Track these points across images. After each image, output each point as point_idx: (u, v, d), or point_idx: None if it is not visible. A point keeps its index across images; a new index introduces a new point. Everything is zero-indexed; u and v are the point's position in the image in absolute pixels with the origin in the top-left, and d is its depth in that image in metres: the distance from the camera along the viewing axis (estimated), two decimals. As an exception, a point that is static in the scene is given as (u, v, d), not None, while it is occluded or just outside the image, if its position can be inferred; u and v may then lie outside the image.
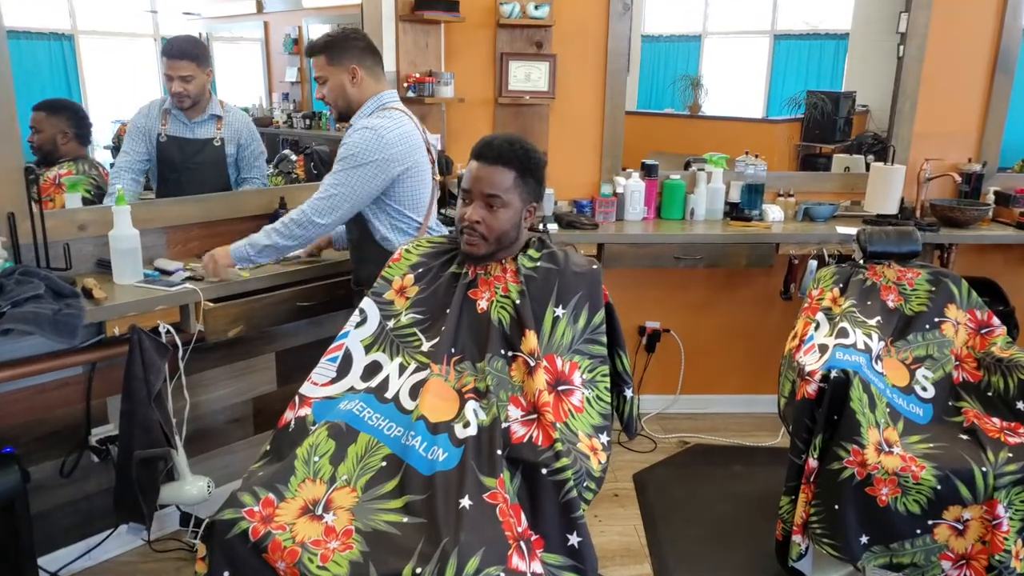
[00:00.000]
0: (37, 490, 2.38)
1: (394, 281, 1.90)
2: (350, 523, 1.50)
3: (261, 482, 1.57)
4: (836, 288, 2.59)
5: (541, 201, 1.93)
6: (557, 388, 1.69)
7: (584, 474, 1.60)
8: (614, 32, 3.33)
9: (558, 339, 1.75)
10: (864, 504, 2.15)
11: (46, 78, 5.22)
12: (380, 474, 1.60)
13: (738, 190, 3.44)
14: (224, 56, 5.13)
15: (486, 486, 1.54)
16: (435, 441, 1.62)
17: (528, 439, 1.61)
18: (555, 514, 1.54)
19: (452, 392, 1.70)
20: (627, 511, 2.91)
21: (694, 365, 3.69)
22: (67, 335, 2.03)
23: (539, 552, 1.51)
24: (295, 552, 1.43)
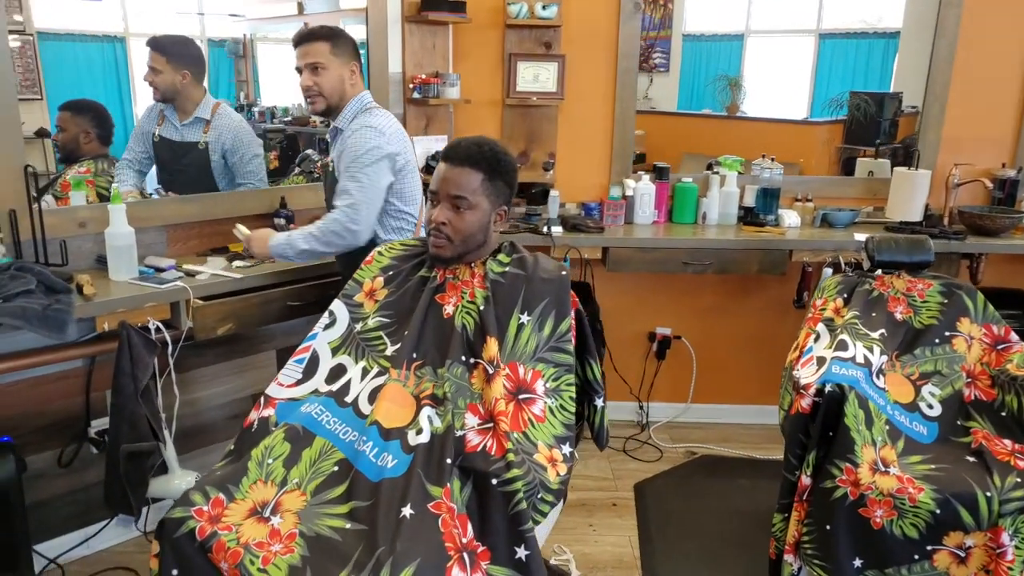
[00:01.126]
0: (36, 479, 2.45)
1: (364, 283, 1.89)
2: (295, 527, 1.50)
3: (213, 481, 1.58)
4: (840, 298, 2.50)
5: (511, 204, 1.90)
6: (518, 397, 1.66)
7: (538, 485, 1.56)
8: (624, 32, 3.27)
9: (522, 347, 1.71)
10: (857, 526, 2.06)
11: (99, 79, 5.38)
12: (331, 478, 1.59)
13: (753, 194, 3.35)
14: (268, 57, 5.22)
15: (431, 495, 1.52)
16: (386, 447, 1.60)
17: (482, 448, 1.58)
18: (503, 526, 1.51)
19: (409, 398, 1.68)
20: (624, 521, 2.86)
21: (706, 373, 3.60)
22: (56, 330, 2.07)
23: (485, 564, 1.48)
24: (238, 553, 1.43)
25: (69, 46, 5.20)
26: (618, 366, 3.54)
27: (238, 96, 5.10)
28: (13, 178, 2.24)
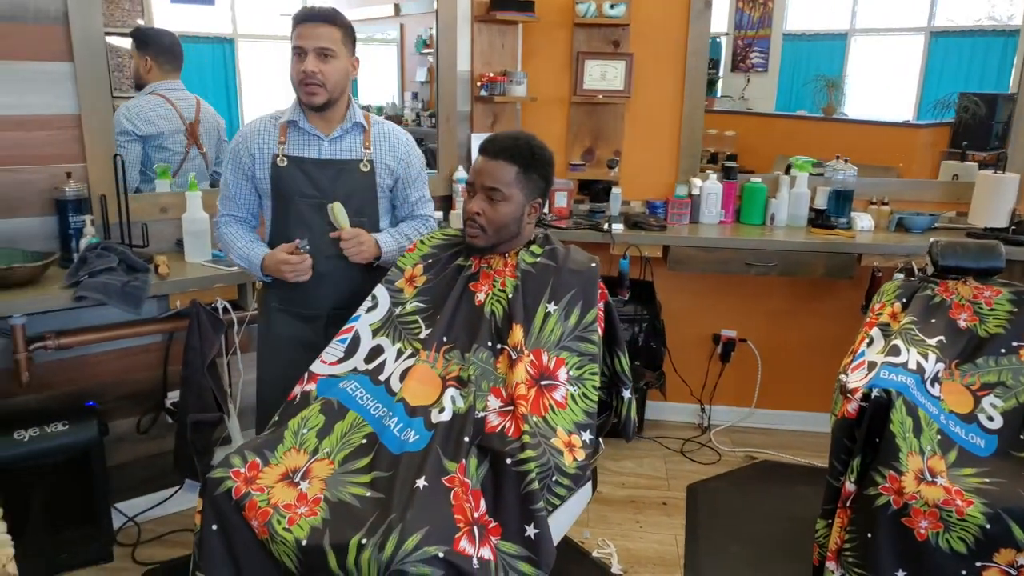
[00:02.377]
0: (118, 443, 2.66)
1: (406, 270, 1.98)
2: (321, 492, 1.60)
3: (252, 447, 1.70)
4: (898, 303, 2.42)
5: (547, 198, 1.94)
6: (540, 383, 1.70)
7: (553, 468, 1.60)
8: (694, 30, 3.25)
9: (547, 335, 1.76)
10: (900, 536, 2.00)
11: (208, 77, 5.76)
12: (358, 450, 1.69)
13: (824, 196, 3.26)
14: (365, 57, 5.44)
15: (446, 469, 1.59)
16: (410, 423, 1.68)
17: (500, 429, 1.64)
18: (515, 504, 1.56)
19: (436, 378, 1.76)
20: (672, 520, 2.85)
21: (771, 378, 3.53)
22: (132, 305, 2.26)
23: (495, 539, 1.54)
24: (267, 512, 1.55)
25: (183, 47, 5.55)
26: (680, 367, 3.51)
27: (338, 95, 5.33)
28: (105, 168, 2.45)
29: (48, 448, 2.35)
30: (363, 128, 2.14)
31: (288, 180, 2.06)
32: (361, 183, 2.13)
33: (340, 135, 2.11)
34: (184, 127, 2.87)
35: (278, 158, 2.06)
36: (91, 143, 2.41)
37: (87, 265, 2.28)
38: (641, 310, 3.31)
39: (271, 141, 2.08)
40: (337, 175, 2.09)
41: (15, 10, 2.26)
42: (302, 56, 2.00)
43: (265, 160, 2.08)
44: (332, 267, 2.11)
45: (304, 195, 2.07)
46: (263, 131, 2.09)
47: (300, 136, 2.09)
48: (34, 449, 2.32)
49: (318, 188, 2.07)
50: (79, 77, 2.36)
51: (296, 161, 2.07)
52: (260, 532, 1.55)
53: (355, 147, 2.13)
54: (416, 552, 1.40)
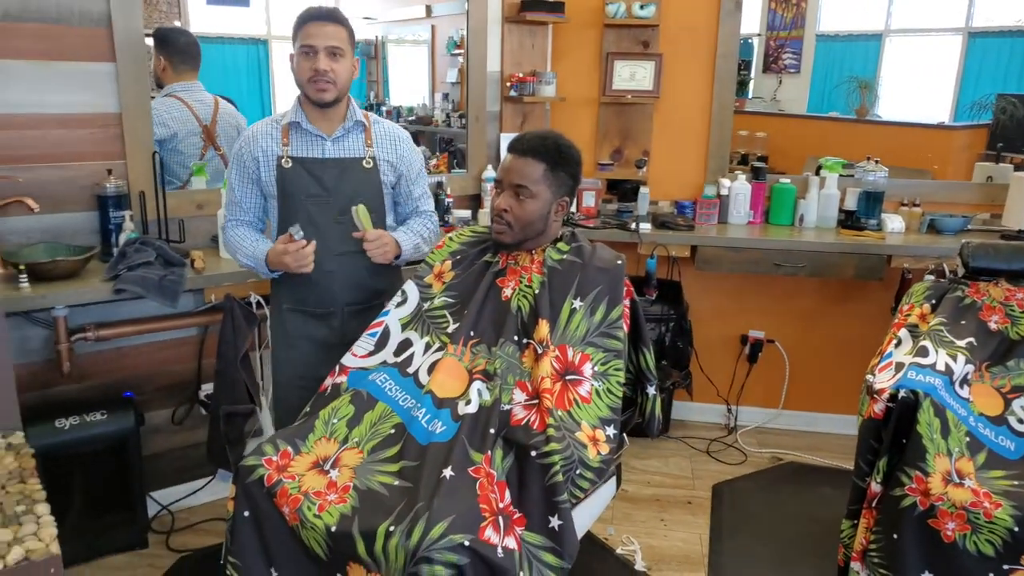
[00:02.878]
0: (153, 434, 2.74)
1: (435, 266, 2.02)
2: (350, 480, 1.64)
3: (284, 436, 1.74)
4: (927, 304, 2.40)
5: (574, 196, 1.96)
6: (565, 377, 1.73)
7: (576, 462, 1.63)
8: (724, 31, 3.25)
9: (572, 330, 1.78)
10: (926, 537, 1.99)
11: (243, 76, 5.87)
12: (386, 440, 1.72)
13: (855, 197, 3.24)
14: (396, 58, 5.51)
15: (472, 460, 1.62)
16: (438, 415, 1.71)
17: (525, 422, 1.66)
18: (539, 495, 1.59)
19: (463, 371, 1.79)
20: (697, 519, 2.85)
21: (799, 379, 3.52)
22: (169, 298, 2.33)
23: (520, 530, 1.56)
24: (298, 499, 1.59)
25: (218, 48, 5.68)
26: (707, 367, 3.51)
27: (368, 96, 5.41)
28: (144, 164, 2.52)
29: (87, 437, 2.42)
30: (364, 126, 2.18)
31: (294, 180, 2.09)
32: (365, 180, 2.16)
33: (342, 134, 2.14)
34: (200, 129, 2.93)
35: (283, 159, 2.09)
36: (131, 141, 2.49)
37: (126, 259, 2.35)
38: (668, 310, 3.31)
39: (274, 143, 2.11)
40: (341, 173, 2.12)
41: (62, 13, 2.34)
42: (311, 54, 2.02)
43: (270, 162, 2.11)
44: (341, 264, 2.15)
45: (310, 194, 2.10)
46: (266, 134, 2.12)
47: (303, 137, 2.12)
48: (74, 437, 2.40)
49: (323, 187, 2.10)
50: (120, 77, 2.44)
51: (300, 161, 2.10)
52: (291, 519, 1.59)
53: (357, 145, 2.16)
54: (442, 540, 1.43)
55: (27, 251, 2.33)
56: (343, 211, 2.11)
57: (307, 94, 2.07)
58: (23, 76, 2.31)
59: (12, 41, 2.28)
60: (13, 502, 1.63)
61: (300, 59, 2.04)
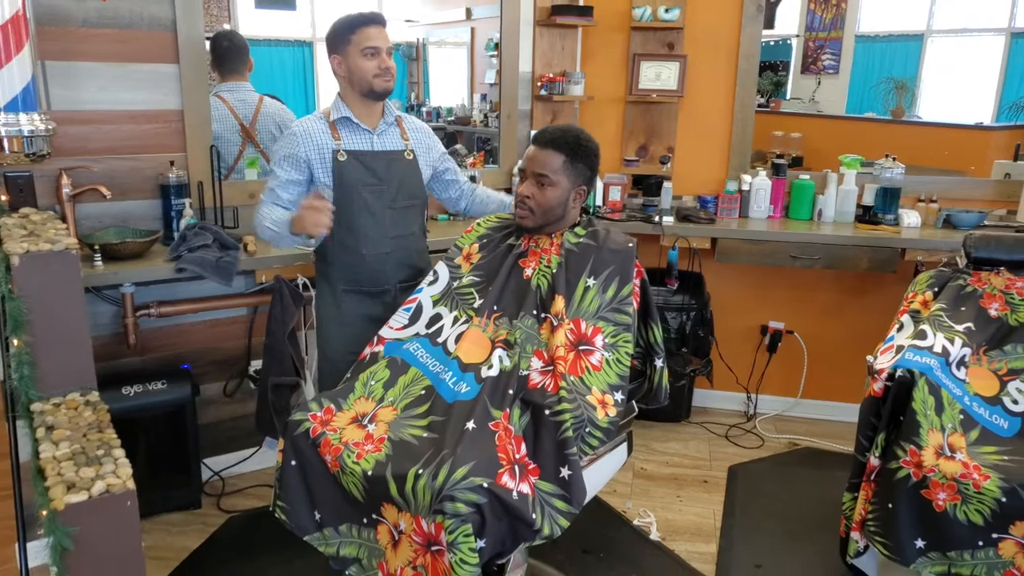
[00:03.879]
0: (208, 404, 2.98)
1: (463, 249, 2.22)
2: (385, 433, 1.85)
3: (327, 395, 1.97)
4: (930, 291, 2.53)
5: (592, 186, 2.14)
6: (578, 347, 1.90)
7: (586, 421, 1.80)
8: (746, 34, 3.40)
9: (586, 306, 1.95)
10: (919, 507, 2.12)
11: (289, 78, 6.15)
12: (417, 399, 1.93)
13: (872, 193, 3.36)
14: (437, 59, 5.73)
15: (492, 416, 1.81)
16: (463, 378, 1.91)
17: (541, 386, 1.85)
18: (552, 449, 1.77)
19: (487, 341, 1.98)
20: (711, 497, 3.00)
21: (817, 369, 3.64)
22: (224, 278, 2.57)
23: (534, 479, 1.75)
24: (339, 449, 1.81)
25: (266, 50, 5.97)
26: (728, 356, 3.66)
27: (409, 96, 5.63)
28: (203, 158, 2.77)
29: (149, 404, 2.67)
30: (398, 122, 2.43)
31: (351, 172, 2.30)
32: (408, 170, 2.40)
33: (384, 129, 2.38)
34: (238, 127, 3.18)
35: (338, 153, 2.29)
36: (191, 135, 2.73)
37: (186, 242, 2.59)
38: (690, 300, 3.47)
39: (327, 139, 2.31)
40: (389, 164, 2.35)
41: (133, 19, 2.59)
42: (376, 54, 2.26)
43: (325, 157, 2.30)
44: (394, 246, 2.38)
45: (366, 184, 2.32)
46: (317, 131, 2.31)
47: (352, 131, 2.33)
48: (137, 404, 2.65)
49: (376, 176, 2.33)
50: (183, 77, 2.69)
51: (355, 154, 2.31)
52: (332, 466, 1.80)
53: (396, 139, 2.41)
54: (464, 481, 1.62)
55: (100, 233, 2.59)
56: (394, 198, 2.35)
57: (373, 88, 2.28)
58: (99, 76, 2.57)
59: (90, 45, 2.54)
60: (94, 447, 1.88)
61: (362, 59, 2.26)
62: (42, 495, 1.71)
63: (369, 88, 2.29)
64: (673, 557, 2.62)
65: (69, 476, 1.73)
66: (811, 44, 8.89)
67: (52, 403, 2.09)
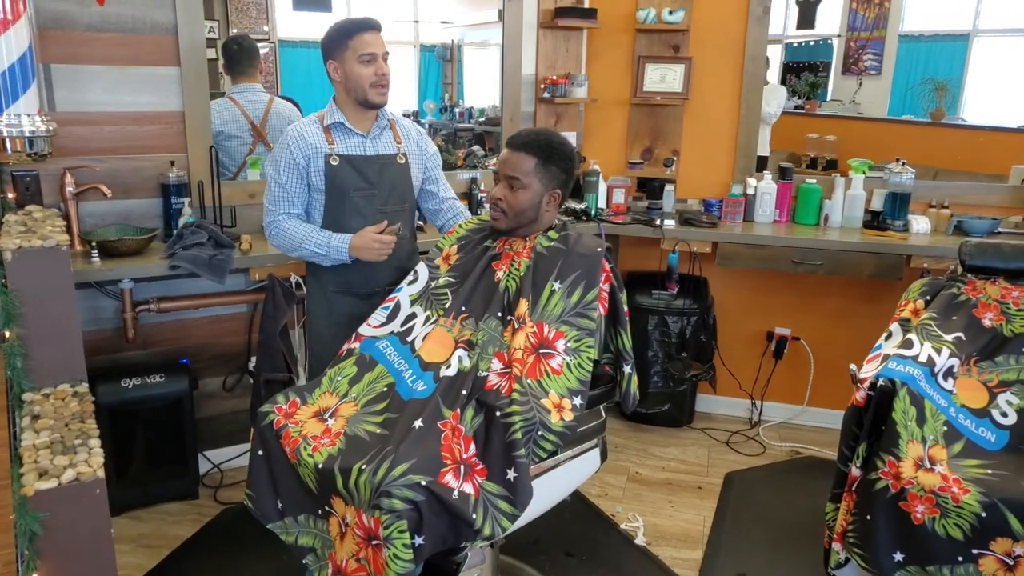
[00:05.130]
0: (207, 399, 3.06)
1: (444, 250, 2.24)
2: (343, 428, 1.89)
3: (295, 389, 2.02)
4: (921, 300, 2.47)
5: (567, 189, 2.13)
6: (539, 351, 1.90)
7: (537, 424, 1.79)
8: (752, 36, 3.35)
9: (550, 309, 1.95)
10: (897, 519, 2.08)
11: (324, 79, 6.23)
12: (378, 396, 1.96)
13: (881, 198, 3.29)
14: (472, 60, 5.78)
15: (442, 415, 1.83)
16: (422, 376, 1.94)
17: (496, 388, 1.86)
18: (500, 450, 1.77)
19: (450, 340, 2.00)
20: (704, 503, 2.97)
21: (824, 377, 3.57)
22: (217, 275, 2.63)
23: (480, 479, 1.76)
24: (297, 441, 1.87)
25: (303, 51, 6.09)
26: (733, 362, 3.61)
27: (443, 97, 5.69)
28: (203, 158, 2.84)
29: (147, 396, 2.76)
30: (391, 125, 2.43)
31: (343, 176, 2.32)
32: (400, 174, 2.41)
33: (377, 133, 2.39)
34: (249, 126, 3.25)
35: (331, 157, 2.31)
36: (192, 136, 2.81)
37: (182, 240, 2.67)
38: (691, 304, 3.44)
39: (321, 143, 2.32)
40: (382, 168, 2.37)
41: (136, 24, 2.68)
42: (371, 61, 2.27)
43: (318, 160, 2.31)
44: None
45: (357, 188, 2.35)
46: (312, 134, 2.32)
47: (345, 136, 2.34)
48: (136, 396, 2.73)
49: (368, 181, 2.35)
50: (184, 80, 2.77)
51: (347, 159, 2.33)
52: (291, 457, 1.86)
53: (389, 143, 2.41)
54: (402, 478, 1.65)
55: (100, 231, 2.68)
56: (384, 202, 2.38)
57: (367, 97, 2.29)
58: (103, 79, 2.66)
59: (94, 48, 2.63)
60: (73, 436, 1.94)
61: (358, 66, 2.27)
62: (16, 481, 1.79)
63: (364, 97, 2.30)
64: (656, 562, 2.61)
65: (44, 464, 1.80)
66: (852, 44, 8.71)
67: (42, 393, 2.18)
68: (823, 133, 6.40)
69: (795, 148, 6.37)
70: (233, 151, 3.20)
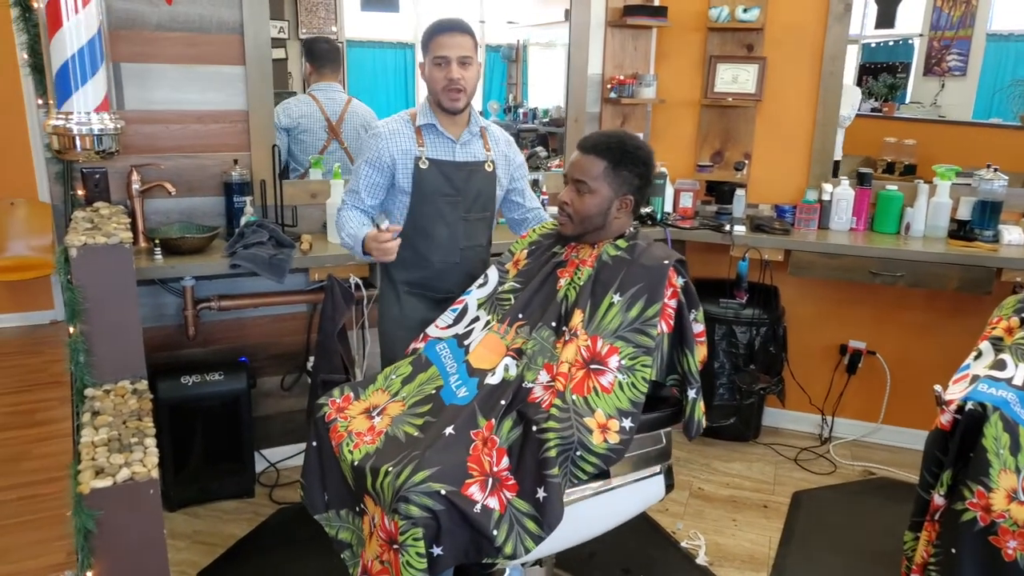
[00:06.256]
0: (265, 397, 3.06)
1: (515, 255, 2.17)
2: (386, 427, 1.86)
3: (351, 384, 2.02)
4: (1016, 317, 2.29)
5: (642, 195, 2.02)
6: (590, 366, 1.80)
7: (576, 443, 1.69)
8: (832, 34, 3.19)
9: (607, 323, 1.84)
10: (986, 554, 1.92)
11: (390, 79, 6.29)
12: (426, 398, 1.92)
13: (968, 206, 3.09)
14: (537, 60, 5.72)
15: (476, 424, 1.77)
16: (467, 382, 1.88)
17: (539, 401, 1.77)
18: (532, 467, 1.69)
19: (501, 347, 1.93)
20: (770, 523, 2.84)
21: (901, 394, 3.38)
22: (276, 275, 2.62)
23: (510, 495, 1.68)
24: (342, 436, 1.86)
25: (370, 51, 6.11)
26: (803, 375, 3.45)
27: (507, 98, 5.65)
28: (265, 156, 2.84)
29: (206, 393, 2.76)
30: (482, 132, 2.37)
31: (430, 180, 2.26)
32: (487, 182, 2.35)
33: (468, 139, 2.32)
34: (325, 123, 3.25)
35: (420, 160, 2.25)
36: (255, 135, 2.81)
37: (243, 239, 2.66)
38: (761, 314, 3.29)
39: (411, 143, 2.26)
40: (469, 176, 2.30)
41: (203, 22, 2.69)
42: (444, 64, 2.19)
43: (407, 161, 2.25)
44: (464, 256, 2.35)
45: (444, 194, 2.28)
46: (402, 134, 2.27)
47: (436, 139, 2.28)
48: (195, 393, 2.75)
49: (454, 187, 2.28)
50: (249, 78, 2.76)
51: (436, 163, 2.27)
52: (335, 451, 1.86)
53: (479, 150, 2.35)
54: (421, 485, 1.60)
55: (164, 229, 2.70)
56: (468, 209, 2.32)
57: (440, 102, 2.23)
58: (170, 77, 2.68)
59: (162, 48, 2.65)
60: (129, 434, 1.94)
61: (433, 69, 2.21)
62: (73, 478, 1.80)
63: (437, 101, 2.25)
64: (718, 585, 2.49)
65: (100, 461, 1.81)
66: (936, 44, 8.34)
67: (104, 389, 2.20)
68: (901, 137, 6.12)
69: (870, 152, 6.11)
70: (308, 146, 3.23)
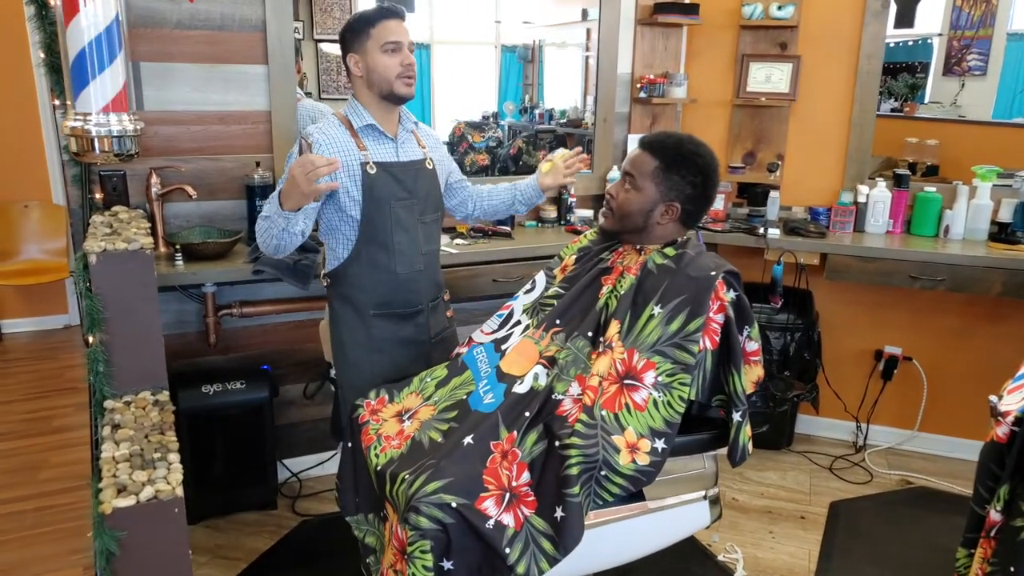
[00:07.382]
0: (287, 406, 2.99)
1: (564, 260, 2.08)
2: (414, 431, 1.79)
3: (387, 386, 1.96)
4: (1074, 325, 2.20)
5: (692, 206, 1.87)
6: (623, 381, 1.70)
7: (601, 463, 1.60)
8: (869, 32, 3.10)
9: (645, 336, 1.74)
10: (1048, 575, 1.84)
11: (408, 80, 6.18)
12: (457, 403, 1.84)
13: (1010, 209, 3.00)
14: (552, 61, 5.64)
15: (497, 435, 1.69)
16: (494, 388, 1.80)
17: (566, 415, 1.68)
18: (552, 485, 1.60)
19: (535, 354, 1.84)
20: (808, 535, 2.75)
21: (938, 401, 3.29)
22: (301, 280, 2.55)
23: (528, 512, 1.60)
24: (371, 439, 1.82)
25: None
26: (837, 381, 3.36)
27: (523, 99, 5.57)
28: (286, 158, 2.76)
29: (228, 403, 2.69)
30: (413, 131, 2.20)
31: (382, 186, 2.06)
32: (431, 180, 2.18)
33: (405, 137, 2.15)
34: None
35: (367, 165, 2.04)
36: (278, 136, 2.73)
37: (271, 244, 2.59)
38: (795, 319, 3.20)
39: (352, 148, 2.05)
40: (416, 175, 2.12)
41: (224, 21, 2.62)
42: (397, 50, 2.01)
43: (353, 169, 2.04)
44: (426, 263, 2.18)
45: (398, 198, 2.08)
46: (341, 139, 2.05)
47: (376, 141, 2.09)
48: (216, 402, 2.67)
49: (406, 189, 2.10)
50: (272, 78, 2.69)
51: (383, 166, 2.07)
52: (364, 454, 1.81)
53: (415, 147, 2.18)
54: (432, 496, 1.53)
55: (184, 233, 2.62)
56: (423, 211, 2.14)
57: (393, 90, 2.04)
58: (190, 77, 2.61)
59: (182, 46, 2.58)
60: (152, 449, 1.87)
61: (382, 56, 2.01)
62: (95, 496, 1.72)
63: (390, 90, 2.04)
64: (759, 602, 2.41)
65: (123, 478, 1.73)
66: (955, 43, 8.21)
67: (124, 400, 2.12)
68: (923, 137, 6.02)
69: (892, 153, 6.00)
70: None
